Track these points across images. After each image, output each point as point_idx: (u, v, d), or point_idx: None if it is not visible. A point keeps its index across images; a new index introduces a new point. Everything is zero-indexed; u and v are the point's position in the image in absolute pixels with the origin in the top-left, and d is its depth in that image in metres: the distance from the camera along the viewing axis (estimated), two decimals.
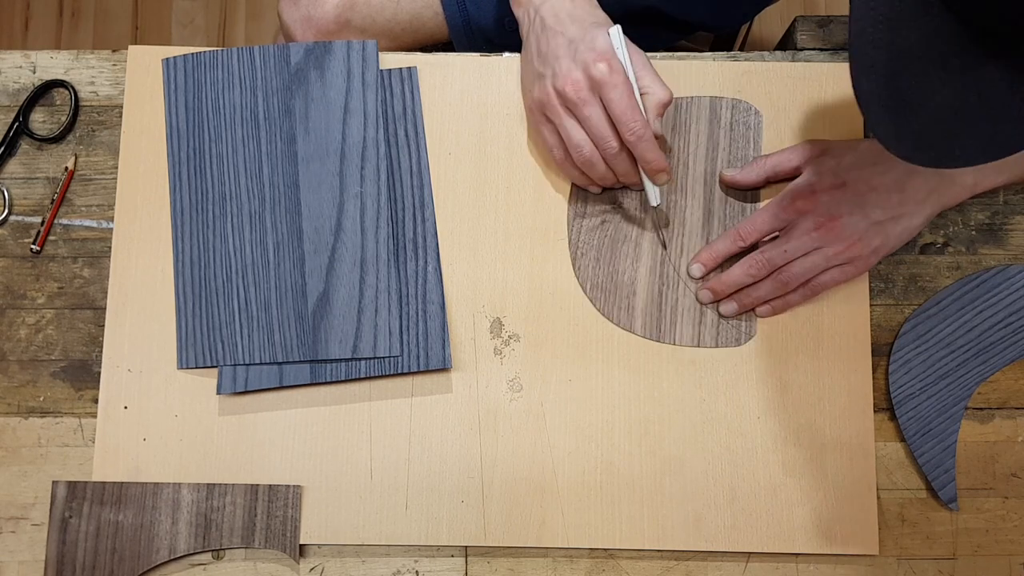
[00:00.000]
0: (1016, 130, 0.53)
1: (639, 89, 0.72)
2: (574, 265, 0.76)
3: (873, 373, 0.75)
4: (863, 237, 0.72)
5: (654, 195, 0.74)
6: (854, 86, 0.53)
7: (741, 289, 0.75)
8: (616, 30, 0.72)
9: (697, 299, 0.76)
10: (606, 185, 0.76)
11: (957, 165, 0.55)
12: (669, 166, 0.72)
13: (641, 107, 0.71)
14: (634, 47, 0.73)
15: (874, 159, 0.72)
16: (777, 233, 0.75)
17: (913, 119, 0.53)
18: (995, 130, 0.53)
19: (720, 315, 0.76)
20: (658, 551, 0.74)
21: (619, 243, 0.77)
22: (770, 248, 0.73)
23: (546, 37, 0.72)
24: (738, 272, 0.74)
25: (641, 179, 0.74)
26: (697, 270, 0.76)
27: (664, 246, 0.77)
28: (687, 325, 0.76)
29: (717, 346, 0.75)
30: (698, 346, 0.75)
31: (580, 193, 0.77)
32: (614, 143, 0.71)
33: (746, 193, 0.78)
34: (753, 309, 0.76)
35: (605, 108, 0.70)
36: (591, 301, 0.76)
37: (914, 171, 0.72)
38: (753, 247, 0.75)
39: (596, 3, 0.75)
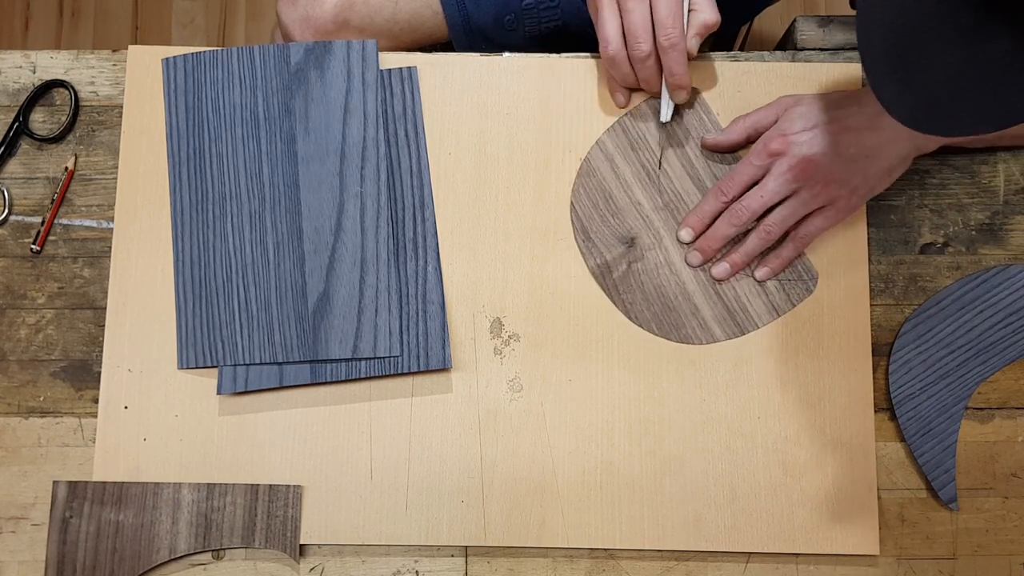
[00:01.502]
0: (1014, 103, 0.52)
1: (689, 5, 0.72)
2: (630, 316, 0.76)
3: (873, 373, 0.75)
4: (840, 177, 0.72)
5: (667, 111, 0.75)
6: (859, 43, 0.53)
7: (731, 250, 0.75)
8: None
9: (687, 262, 0.76)
10: (627, 85, 0.76)
11: (959, 134, 0.54)
12: (690, 85, 0.73)
13: (685, 19, 0.71)
14: None
15: (846, 102, 0.72)
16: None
17: (916, 85, 0.52)
18: (998, 100, 0.52)
19: (715, 279, 0.76)
20: (658, 551, 0.74)
21: (653, 273, 0.77)
22: (747, 195, 0.74)
23: None
24: (721, 226, 0.75)
25: (661, 91, 0.74)
26: (687, 234, 0.76)
27: (660, 165, 0.77)
28: (757, 302, 0.76)
29: (794, 305, 0.76)
30: (779, 315, 0.76)
31: (591, 250, 0.77)
32: (646, 46, 0.71)
33: (733, 156, 0.78)
34: (751, 271, 0.76)
35: (651, 9, 0.70)
36: (663, 338, 0.76)
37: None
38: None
39: None
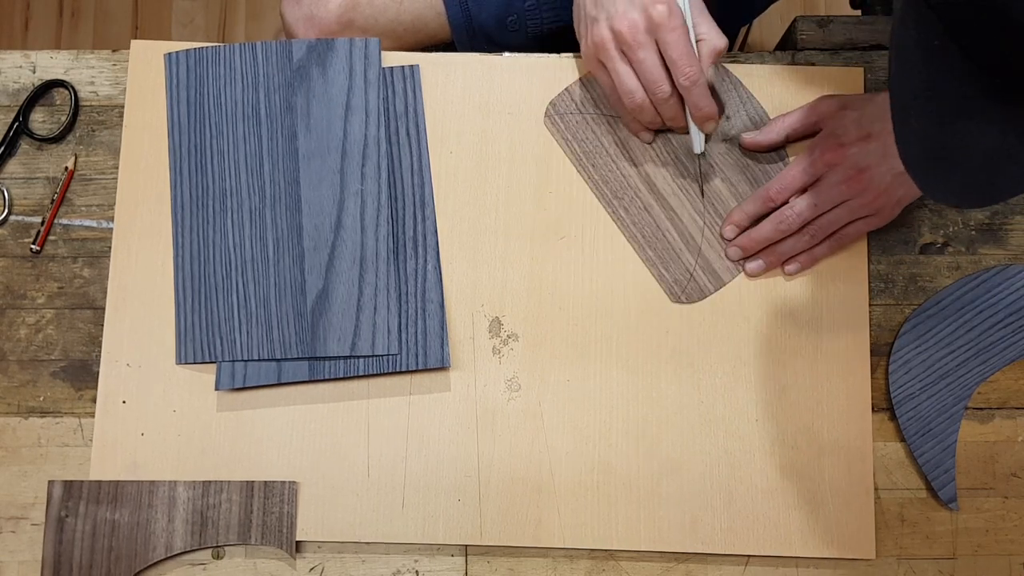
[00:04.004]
0: None
1: (695, 35, 0.72)
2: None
3: (873, 373, 0.75)
4: (889, 188, 0.72)
5: (699, 143, 0.75)
6: (900, 155, 0.53)
7: (769, 246, 0.76)
8: None
9: (727, 256, 0.77)
10: (655, 127, 0.77)
11: (1001, 200, 0.55)
12: (717, 114, 0.73)
13: (696, 53, 0.71)
14: None
15: None
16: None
17: (955, 173, 0.53)
18: None
19: (747, 274, 0.76)
20: (656, 552, 0.73)
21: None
22: (799, 202, 0.74)
23: None
24: (768, 228, 0.75)
25: (688, 125, 0.74)
26: (730, 231, 0.77)
27: (702, 193, 0.77)
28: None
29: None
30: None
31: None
32: (667, 87, 0.71)
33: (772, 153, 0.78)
34: (782, 267, 0.76)
35: (660, 52, 0.70)
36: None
37: None
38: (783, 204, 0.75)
39: None
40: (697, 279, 0.76)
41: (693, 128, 0.74)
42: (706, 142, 0.76)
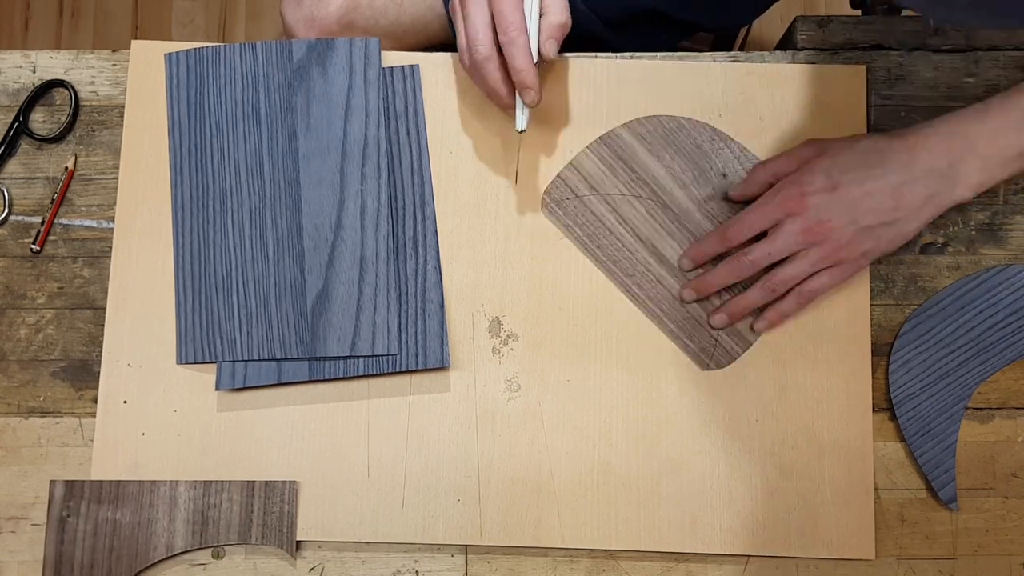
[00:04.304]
0: None
1: (540, 9, 0.69)
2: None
3: (873, 373, 0.75)
4: (851, 241, 0.70)
5: (522, 119, 0.71)
6: None
7: (731, 297, 0.75)
8: None
9: (680, 297, 0.76)
10: (489, 95, 0.72)
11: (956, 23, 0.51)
12: (539, 86, 0.69)
13: (528, 16, 0.68)
14: None
15: (871, 161, 0.70)
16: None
17: None
18: None
19: (712, 327, 0.75)
20: (656, 552, 0.73)
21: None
22: (754, 249, 0.72)
23: None
24: (723, 272, 0.73)
25: (516, 99, 0.71)
26: (687, 264, 0.76)
27: (516, 180, 0.76)
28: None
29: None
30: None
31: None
32: (483, 49, 0.68)
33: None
34: (750, 323, 0.75)
35: (491, 8, 0.67)
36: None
37: (913, 177, 0.69)
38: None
39: None
40: (723, 343, 0.76)
41: (519, 101, 0.70)
42: (528, 120, 0.71)
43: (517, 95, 0.70)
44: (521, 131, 0.71)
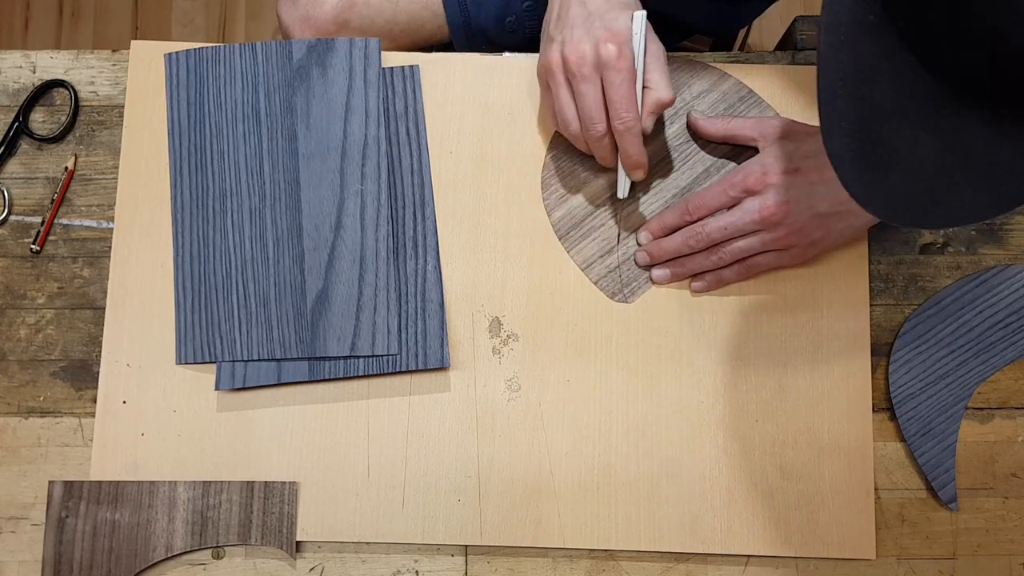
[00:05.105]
0: (1002, 188, 0.49)
1: (644, 83, 0.71)
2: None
3: (873, 373, 0.75)
4: (804, 227, 0.71)
5: (624, 188, 0.75)
6: (824, 143, 0.50)
7: (677, 257, 0.76)
8: (640, 16, 0.71)
9: (635, 261, 0.77)
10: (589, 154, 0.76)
11: (933, 227, 0.52)
12: (647, 164, 0.72)
13: (639, 100, 0.70)
14: (655, 39, 0.73)
15: None
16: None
17: (886, 178, 0.51)
18: (976, 190, 0.50)
19: (653, 281, 0.76)
20: (656, 552, 0.73)
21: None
22: (711, 222, 0.73)
23: (568, 4, 0.71)
24: (678, 240, 0.75)
25: (617, 168, 0.74)
26: (644, 238, 0.77)
27: (619, 240, 0.77)
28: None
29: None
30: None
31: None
32: (600, 127, 0.70)
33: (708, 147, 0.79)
34: (689, 282, 0.76)
35: (604, 90, 0.69)
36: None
37: None
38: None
39: None
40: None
41: (621, 172, 0.74)
42: (631, 190, 0.75)
43: (621, 167, 0.74)
44: (623, 198, 0.76)
